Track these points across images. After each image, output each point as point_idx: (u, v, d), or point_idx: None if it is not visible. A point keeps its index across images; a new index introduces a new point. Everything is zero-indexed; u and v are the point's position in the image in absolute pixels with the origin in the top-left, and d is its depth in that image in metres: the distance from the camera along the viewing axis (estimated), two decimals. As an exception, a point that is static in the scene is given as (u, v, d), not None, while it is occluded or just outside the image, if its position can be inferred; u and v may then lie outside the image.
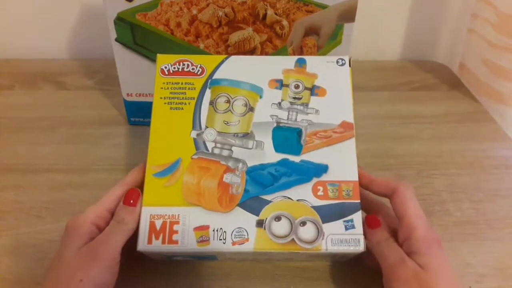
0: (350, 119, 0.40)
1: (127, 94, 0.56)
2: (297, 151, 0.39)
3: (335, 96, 0.41)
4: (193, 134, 0.39)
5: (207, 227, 0.36)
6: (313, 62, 0.42)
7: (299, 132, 0.40)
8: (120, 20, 0.50)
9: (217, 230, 0.36)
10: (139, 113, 0.58)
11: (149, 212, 0.36)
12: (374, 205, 0.40)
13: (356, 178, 0.38)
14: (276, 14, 0.50)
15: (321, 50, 0.52)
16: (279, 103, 0.41)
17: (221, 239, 0.36)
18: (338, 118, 0.40)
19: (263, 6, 0.50)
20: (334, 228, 0.36)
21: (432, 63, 0.78)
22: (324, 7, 0.50)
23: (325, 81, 0.42)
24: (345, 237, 0.36)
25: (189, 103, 0.40)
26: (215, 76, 0.41)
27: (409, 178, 0.52)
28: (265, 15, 0.50)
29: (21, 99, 0.64)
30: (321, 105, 0.41)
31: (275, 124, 0.40)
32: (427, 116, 0.63)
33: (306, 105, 0.41)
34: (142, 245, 0.35)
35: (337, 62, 0.43)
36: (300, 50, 0.52)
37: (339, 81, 0.42)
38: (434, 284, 0.32)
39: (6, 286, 0.39)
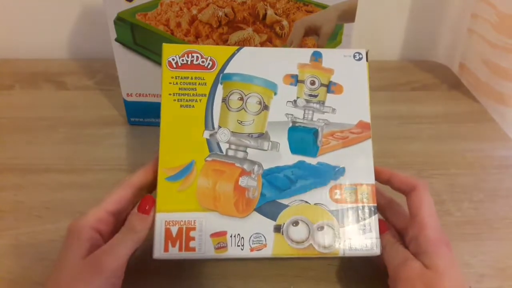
0: (367, 118, 0.39)
1: (127, 94, 0.56)
2: (314, 152, 0.38)
3: (351, 93, 0.40)
4: (206, 134, 0.37)
5: (225, 233, 0.35)
6: (330, 56, 0.40)
7: (315, 132, 0.39)
8: (120, 20, 0.50)
9: (234, 236, 0.35)
10: (139, 113, 0.58)
11: (164, 218, 0.35)
12: (385, 200, 0.40)
13: (373, 181, 0.38)
14: (276, 14, 0.50)
15: (321, 50, 0.52)
16: (295, 101, 0.39)
17: (239, 245, 0.35)
18: (355, 117, 0.39)
19: (263, 6, 0.50)
20: (351, 232, 0.36)
21: (432, 63, 0.78)
22: (324, 7, 0.50)
23: (342, 77, 0.40)
24: (362, 241, 0.36)
25: (200, 100, 0.38)
26: (227, 70, 0.39)
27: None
28: (265, 15, 0.50)
29: (21, 99, 0.64)
30: (338, 103, 0.39)
31: (290, 124, 0.39)
32: (427, 116, 0.63)
33: (322, 103, 0.39)
34: (158, 253, 0.34)
35: (354, 56, 0.41)
36: (300, 50, 0.52)
37: (356, 77, 0.40)
38: (439, 284, 0.32)
39: (6, 286, 0.39)
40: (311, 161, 0.38)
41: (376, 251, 0.36)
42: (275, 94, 0.39)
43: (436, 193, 0.50)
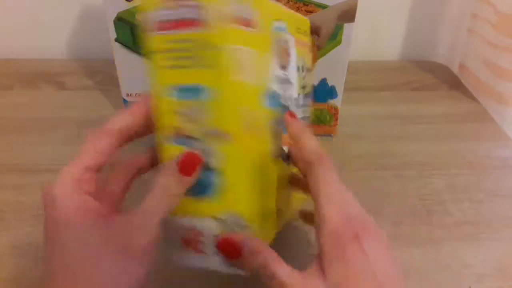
0: None
1: (127, 94, 0.56)
2: None
3: None
4: None
5: None
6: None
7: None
8: (120, 20, 0.50)
9: None
10: (139, 113, 0.58)
11: None
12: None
13: None
14: (276, 14, 0.50)
15: (321, 50, 0.52)
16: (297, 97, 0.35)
17: None
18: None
19: (263, 6, 0.50)
20: None
21: (432, 63, 0.78)
22: (324, 7, 0.50)
23: None
24: None
25: None
26: None
27: (409, 178, 0.52)
28: (265, 15, 0.50)
29: (21, 99, 0.64)
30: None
31: None
32: (427, 116, 0.63)
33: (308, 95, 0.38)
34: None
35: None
36: (300, 50, 0.52)
37: None
38: None
39: (6, 286, 0.39)
40: None
41: None
42: None
43: (436, 193, 0.50)
